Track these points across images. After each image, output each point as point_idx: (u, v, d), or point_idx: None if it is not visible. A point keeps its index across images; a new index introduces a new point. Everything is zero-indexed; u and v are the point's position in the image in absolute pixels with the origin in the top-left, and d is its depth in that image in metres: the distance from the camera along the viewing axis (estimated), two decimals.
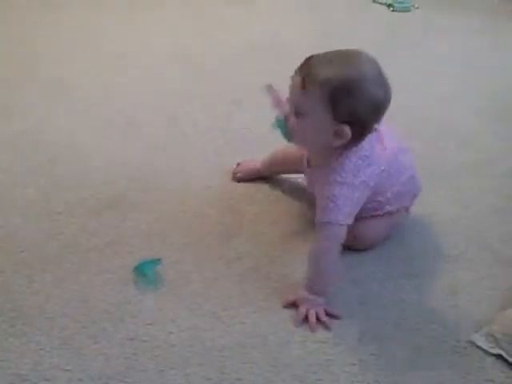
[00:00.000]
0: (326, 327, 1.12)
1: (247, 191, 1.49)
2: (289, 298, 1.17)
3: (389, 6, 2.79)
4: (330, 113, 1.11)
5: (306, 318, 1.13)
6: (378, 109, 1.13)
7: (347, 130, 1.12)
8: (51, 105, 1.88)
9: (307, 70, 1.13)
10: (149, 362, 1.05)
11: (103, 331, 1.10)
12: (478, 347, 1.08)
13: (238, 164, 1.54)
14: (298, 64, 1.29)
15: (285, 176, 1.53)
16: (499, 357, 1.07)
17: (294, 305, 1.16)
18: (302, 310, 1.14)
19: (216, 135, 1.74)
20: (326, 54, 1.14)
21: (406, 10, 2.78)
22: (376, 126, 1.16)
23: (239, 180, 1.52)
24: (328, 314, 1.14)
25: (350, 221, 1.17)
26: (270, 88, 1.29)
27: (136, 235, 1.33)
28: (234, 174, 1.53)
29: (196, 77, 2.09)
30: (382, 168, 1.22)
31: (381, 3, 2.83)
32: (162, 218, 1.39)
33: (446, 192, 1.52)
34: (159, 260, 1.24)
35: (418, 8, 2.80)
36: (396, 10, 2.77)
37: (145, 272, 1.21)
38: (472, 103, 1.98)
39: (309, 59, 1.15)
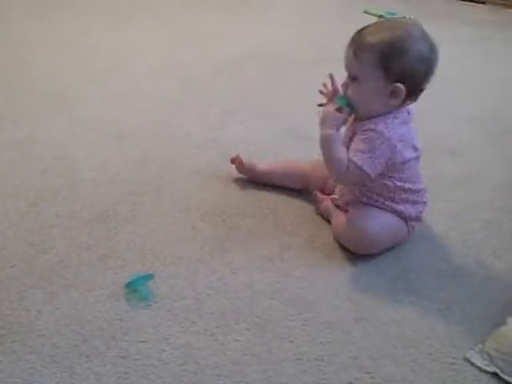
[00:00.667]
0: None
1: (240, 204, 1.48)
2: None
3: (380, 17, 2.80)
4: (382, 74, 1.21)
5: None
6: (426, 64, 1.23)
7: (401, 87, 1.21)
8: (42, 115, 1.87)
9: (358, 39, 1.24)
10: (141, 380, 1.03)
11: (95, 349, 1.08)
12: (474, 364, 1.08)
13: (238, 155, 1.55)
14: (291, 74, 1.31)
15: (278, 189, 1.52)
16: (494, 375, 1.06)
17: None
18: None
19: (209, 146, 1.73)
20: (375, 24, 1.28)
21: None
22: (425, 86, 1.26)
23: (236, 167, 1.54)
24: None
25: (374, 174, 1.25)
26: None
27: (128, 249, 1.32)
28: (234, 159, 1.54)
29: (189, 87, 2.09)
30: (415, 155, 1.30)
31: (372, 14, 2.84)
32: (154, 231, 1.38)
33: (438, 205, 1.51)
34: (151, 275, 1.23)
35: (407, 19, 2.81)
36: None
37: (137, 288, 1.20)
38: (463, 114, 1.99)
39: (359, 30, 1.26)
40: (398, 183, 1.30)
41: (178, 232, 1.38)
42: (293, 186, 1.51)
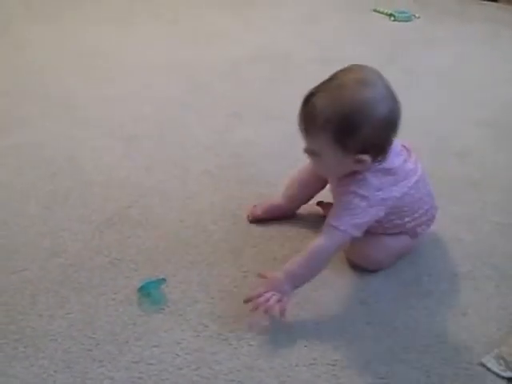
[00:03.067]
0: (280, 313, 1.10)
1: (251, 208, 1.47)
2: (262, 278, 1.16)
3: (390, 15, 2.79)
4: (340, 151, 1.11)
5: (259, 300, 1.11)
6: (388, 125, 1.13)
7: (365, 157, 1.12)
8: (49, 118, 1.87)
9: (308, 114, 1.12)
10: None
11: (108, 354, 1.08)
12: (490, 370, 1.07)
13: (255, 206, 1.43)
14: (298, 74, 1.27)
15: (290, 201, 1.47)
16: (511, 380, 1.05)
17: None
18: (263, 289, 1.12)
19: (218, 149, 1.72)
20: (324, 87, 1.11)
21: (407, 19, 2.78)
22: (394, 137, 1.16)
23: (257, 219, 1.40)
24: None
25: (359, 234, 1.16)
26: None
27: (140, 253, 1.32)
28: (252, 214, 1.41)
29: (195, 88, 2.09)
30: (410, 185, 1.21)
31: (381, 13, 2.83)
32: (165, 234, 1.38)
33: (450, 208, 1.51)
34: (164, 280, 1.23)
35: (419, 18, 2.80)
36: (397, 20, 2.77)
37: (150, 292, 1.19)
38: (473, 115, 1.98)
39: (307, 100, 1.12)
40: (398, 221, 1.25)
41: (190, 235, 1.37)
42: (316, 188, 1.40)
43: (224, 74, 2.19)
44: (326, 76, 1.32)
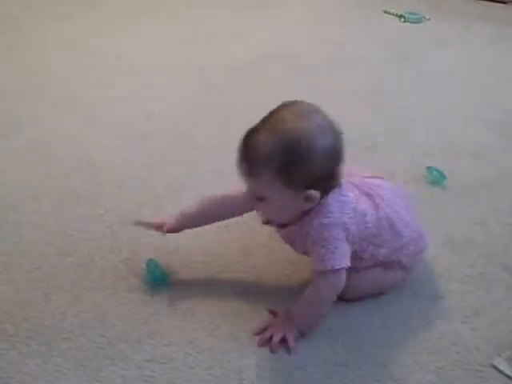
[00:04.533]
0: (289, 351, 1.09)
1: None
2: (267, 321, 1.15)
3: (400, 16, 2.79)
4: (287, 189, 1.05)
5: (270, 339, 1.11)
6: (332, 155, 1.06)
7: (312, 192, 1.06)
8: (61, 118, 1.88)
9: (246, 156, 1.07)
10: None
11: (120, 352, 1.09)
12: (502, 372, 1.07)
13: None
14: (308, 75, 1.23)
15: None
16: None
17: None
18: (269, 332, 1.12)
19: (230, 148, 1.71)
20: (259, 126, 1.07)
21: (418, 21, 2.77)
22: (339, 168, 1.09)
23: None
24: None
25: (347, 261, 1.10)
26: None
27: (151, 252, 1.32)
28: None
29: (206, 88, 2.09)
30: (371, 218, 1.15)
31: (392, 14, 2.83)
32: (176, 235, 1.36)
33: (461, 209, 1.51)
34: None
35: (429, 19, 2.80)
36: (407, 21, 2.76)
37: (154, 268, 1.24)
38: (485, 116, 1.97)
39: (244, 141, 1.08)
40: (374, 251, 1.17)
41: (202, 235, 1.37)
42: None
43: (236, 74, 2.20)
44: (337, 76, 1.32)
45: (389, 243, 1.18)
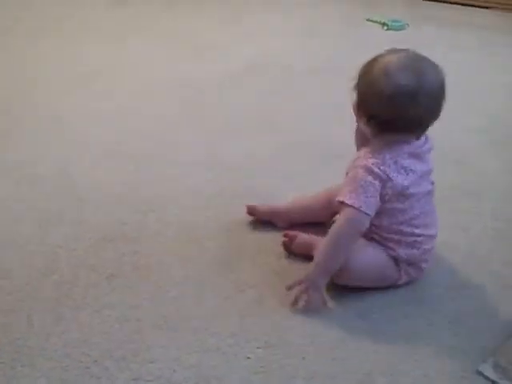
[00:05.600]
0: (307, 305, 1.19)
1: (246, 221, 1.47)
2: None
3: (383, 24, 2.80)
4: (360, 111, 1.21)
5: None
6: (395, 100, 1.15)
7: (371, 122, 1.19)
8: (44, 136, 1.87)
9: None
10: None
11: (106, 371, 1.08)
12: (487, 378, 1.07)
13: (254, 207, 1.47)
14: (292, 86, 1.21)
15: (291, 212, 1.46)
16: None
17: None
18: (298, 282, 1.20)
19: (211, 164, 1.73)
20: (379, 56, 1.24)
21: (401, 28, 2.79)
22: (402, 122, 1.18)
23: (254, 213, 1.46)
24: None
25: (370, 211, 1.16)
26: None
27: (135, 269, 1.32)
28: (251, 207, 1.46)
29: (189, 103, 2.09)
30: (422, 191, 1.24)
31: (375, 22, 2.84)
32: (160, 250, 1.38)
33: (445, 215, 1.51)
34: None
35: (409, 26, 2.82)
36: (390, 29, 2.78)
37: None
38: (468, 122, 1.99)
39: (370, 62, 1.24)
40: (396, 226, 1.23)
41: (185, 251, 1.37)
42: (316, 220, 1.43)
43: (218, 87, 2.20)
44: (324, 87, 1.34)
45: (414, 226, 1.23)
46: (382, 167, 1.17)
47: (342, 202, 1.18)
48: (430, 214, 1.27)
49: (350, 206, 1.16)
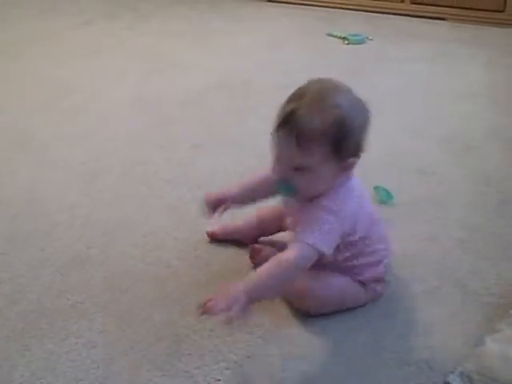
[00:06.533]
0: (228, 319, 1.04)
1: (213, 242, 1.46)
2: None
3: (343, 39, 2.84)
4: (335, 157, 1.12)
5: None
6: (367, 124, 1.17)
7: (353, 160, 1.15)
8: (10, 158, 1.85)
9: (296, 127, 1.10)
10: None
11: None
12: None
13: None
14: (260, 102, 1.19)
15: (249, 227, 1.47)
16: None
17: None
18: (215, 296, 1.06)
19: (180, 182, 1.72)
20: (301, 104, 1.11)
21: (361, 42, 2.83)
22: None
23: (214, 236, 1.45)
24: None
25: (328, 251, 1.13)
26: None
27: (103, 292, 1.30)
28: (211, 231, 1.46)
29: (157, 121, 2.09)
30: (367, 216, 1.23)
31: (335, 36, 2.88)
32: (128, 272, 1.37)
33: (410, 225, 1.53)
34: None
35: (371, 40, 2.86)
36: (350, 43, 2.82)
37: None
38: (428, 133, 2.01)
39: (290, 114, 1.11)
40: (351, 257, 1.23)
41: (153, 271, 1.37)
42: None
43: (186, 105, 2.20)
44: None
45: (367, 254, 1.23)
46: (339, 209, 1.15)
47: (298, 239, 1.13)
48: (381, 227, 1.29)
49: (303, 241, 1.12)
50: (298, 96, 1.13)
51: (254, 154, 1.84)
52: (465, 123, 2.09)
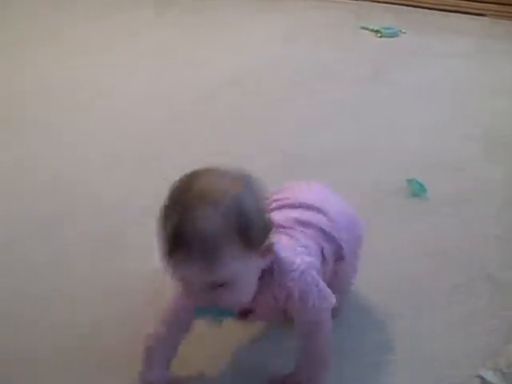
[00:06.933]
0: None
1: None
2: None
3: (376, 32, 2.82)
4: (249, 253, 0.95)
5: None
6: (264, 205, 1.02)
7: (269, 241, 0.99)
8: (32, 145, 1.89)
9: (199, 246, 0.91)
10: None
11: None
12: (487, 382, 1.08)
13: None
14: (278, 98, 1.07)
15: None
16: None
17: None
18: None
19: None
20: (188, 210, 0.94)
21: (394, 35, 2.81)
22: None
23: None
24: None
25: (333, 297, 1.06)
26: None
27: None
28: None
29: (175, 117, 2.07)
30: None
31: (368, 29, 2.86)
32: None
33: (445, 221, 1.52)
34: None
35: (405, 33, 2.83)
36: (383, 36, 2.80)
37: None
38: (466, 129, 1.99)
39: (178, 233, 0.93)
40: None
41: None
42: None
43: (203, 100, 2.17)
44: (306, 97, 1.25)
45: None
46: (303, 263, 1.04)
47: (319, 313, 1.04)
48: None
49: (325, 309, 1.04)
50: (173, 209, 0.97)
51: (266, 150, 1.84)
52: (498, 119, 2.06)
